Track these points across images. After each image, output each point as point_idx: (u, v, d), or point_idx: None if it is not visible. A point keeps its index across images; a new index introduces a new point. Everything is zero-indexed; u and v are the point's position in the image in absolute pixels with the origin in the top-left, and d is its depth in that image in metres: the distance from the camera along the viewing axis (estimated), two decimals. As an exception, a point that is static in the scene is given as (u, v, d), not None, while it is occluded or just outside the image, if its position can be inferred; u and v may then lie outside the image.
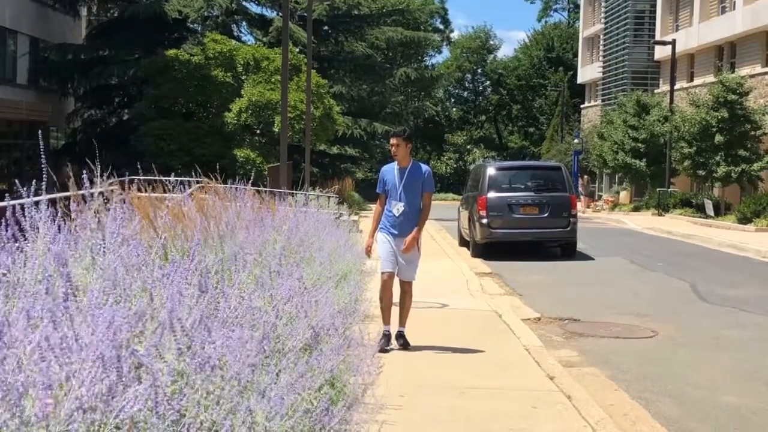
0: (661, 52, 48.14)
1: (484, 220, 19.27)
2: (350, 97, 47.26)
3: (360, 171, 54.37)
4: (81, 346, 3.24)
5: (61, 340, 3.16)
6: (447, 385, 7.29)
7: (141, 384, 3.32)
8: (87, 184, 5.88)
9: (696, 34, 44.04)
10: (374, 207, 9.30)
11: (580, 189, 46.55)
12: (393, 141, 8.71)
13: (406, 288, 8.81)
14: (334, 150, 48.37)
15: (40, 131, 7.62)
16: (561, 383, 7.39)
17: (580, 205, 45.14)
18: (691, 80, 44.96)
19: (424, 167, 8.89)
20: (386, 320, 8.72)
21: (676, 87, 41.33)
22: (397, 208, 8.63)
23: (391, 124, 45.16)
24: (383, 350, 8.33)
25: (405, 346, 8.71)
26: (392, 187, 8.70)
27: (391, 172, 8.79)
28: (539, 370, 7.95)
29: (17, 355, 3.07)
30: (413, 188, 8.67)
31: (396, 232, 8.65)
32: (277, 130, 30.87)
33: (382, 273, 8.73)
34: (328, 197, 21.13)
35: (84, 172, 5.81)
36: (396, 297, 8.83)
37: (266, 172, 27.67)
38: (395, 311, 8.83)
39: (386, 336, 8.63)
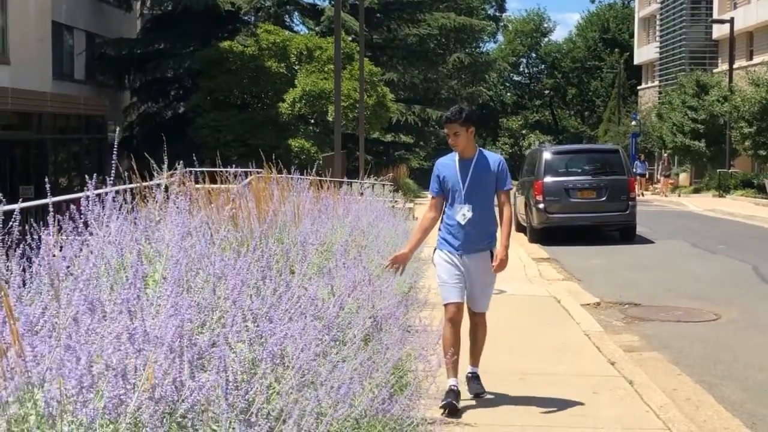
0: (719, 31, 47.28)
1: (541, 205, 19.16)
2: (403, 84, 47.20)
3: (414, 158, 54.33)
4: (152, 337, 3.31)
5: (132, 332, 3.23)
6: (506, 371, 7.29)
7: (210, 373, 3.39)
8: (152, 175, 5.98)
9: (755, 11, 43.18)
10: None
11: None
12: (450, 129, 6.38)
13: (478, 320, 6.64)
14: (388, 138, 48.37)
15: (117, 129, 7.76)
16: (622, 368, 7.35)
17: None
18: (751, 59, 44.12)
19: (496, 157, 6.59)
20: (454, 371, 6.27)
21: (735, 66, 40.60)
22: (462, 214, 6.34)
23: (444, 109, 44.97)
24: (452, 411, 5.98)
25: (479, 393, 6.47)
26: (454, 186, 6.40)
27: (450, 166, 6.47)
28: (599, 355, 7.91)
29: (91, 346, 3.15)
30: (483, 187, 6.41)
31: (462, 249, 6.39)
32: (330, 119, 30.97)
33: (447, 305, 6.39)
34: (383, 185, 21.17)
35: (151, 163, 5.91)
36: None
37: (320, 161, 27.80)
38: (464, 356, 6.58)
39: (454, 392, 6.15)
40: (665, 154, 42.69)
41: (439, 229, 6.55)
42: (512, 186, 6.70)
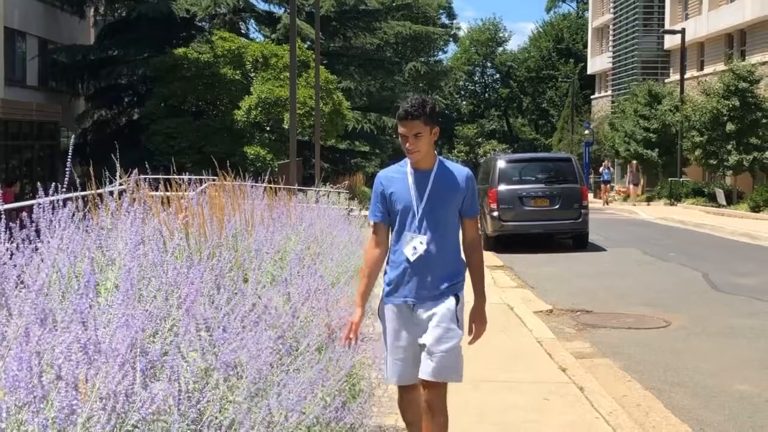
0: (670, 41, 48.02)
1: (495, 213, 19.32)
2: (360, 92, 47.35)
3: (370, 166, 54.45)
4: (104, 348, 3.30)
5: (85, 343, 3.22)
6: (461, 378, 7.33)
7: (162, 382, 3.38)
8: (105, 183, 5.94)
9: (705, 23, 43.90)
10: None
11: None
12: (408, 128, 4.43)
13: (434, 398, 4.44)
14: (344, 145, 48.44)
15: (72, 136, 7.68)
16: (573, 375, 7.44)
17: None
18: (702, 69, 44.83)
19: (464, 170, 4.65)
20: None
21: (686, 76, 41.22)
22: (413, 246, 4.51)
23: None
24: None
25: None
26: (405, 207, 4.54)
27: (399, 180, 4.59)
28: (551, 362, 7.99)
29: (42, 356, 3.14)
30: (446, 209, 4.56)
31: (413, 296, 4.55)
32: (286, 126, 30.96)
33: (399, 386, 4.66)
34: (339, 193, 21.18)
35: (104, 170, 5.87)
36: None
37: (275, 169, 27.76)
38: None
39: None
40: (634, 162, 42.91)
41: (385, 270, 4.74)
42: (478, 211, 4.84)
